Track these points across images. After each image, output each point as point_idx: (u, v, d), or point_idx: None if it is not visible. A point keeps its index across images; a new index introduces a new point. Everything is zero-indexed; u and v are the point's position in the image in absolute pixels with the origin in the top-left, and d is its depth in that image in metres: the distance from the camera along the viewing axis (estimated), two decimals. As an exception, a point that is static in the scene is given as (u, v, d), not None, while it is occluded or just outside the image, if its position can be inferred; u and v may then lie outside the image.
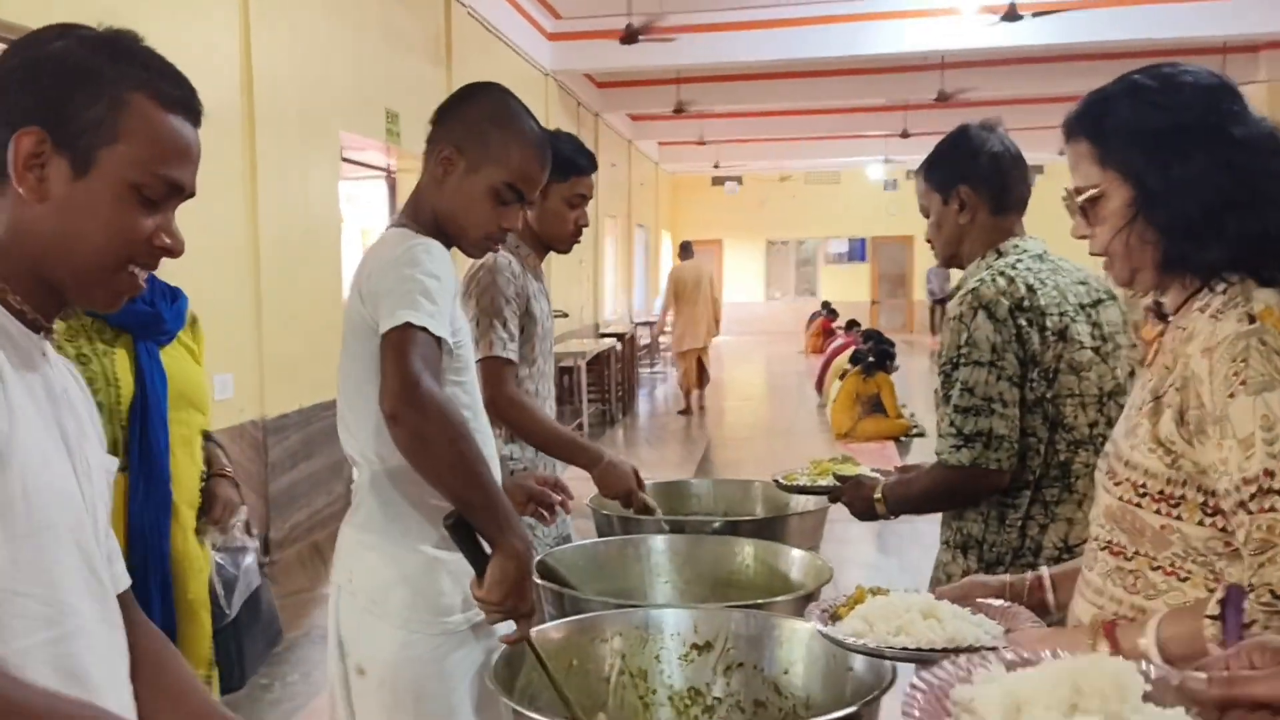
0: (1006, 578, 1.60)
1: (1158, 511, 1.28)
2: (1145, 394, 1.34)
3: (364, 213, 8.31)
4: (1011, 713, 0.96)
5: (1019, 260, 2.06)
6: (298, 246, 5.88)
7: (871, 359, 9.88)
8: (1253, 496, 1.17)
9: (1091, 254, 1.41)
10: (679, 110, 12.56)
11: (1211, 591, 1.23)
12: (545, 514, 2.17)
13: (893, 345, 10.51)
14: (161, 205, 1.07)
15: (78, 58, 1.04)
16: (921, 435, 9.43)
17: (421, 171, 1.83)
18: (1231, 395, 1.20)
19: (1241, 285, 1.27)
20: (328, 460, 6.19)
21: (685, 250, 12.09)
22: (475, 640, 1.71)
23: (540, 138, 1.81)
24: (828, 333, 15.60)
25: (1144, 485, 1.29)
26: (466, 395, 1.75)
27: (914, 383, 12.93)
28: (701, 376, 11.48)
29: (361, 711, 1.70)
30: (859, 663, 1.48)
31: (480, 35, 9.02)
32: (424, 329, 1.55)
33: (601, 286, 14.68)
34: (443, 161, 1.76)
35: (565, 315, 10.55)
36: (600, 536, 2.28)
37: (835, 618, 1.48)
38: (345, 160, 6.75)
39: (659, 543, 2.13)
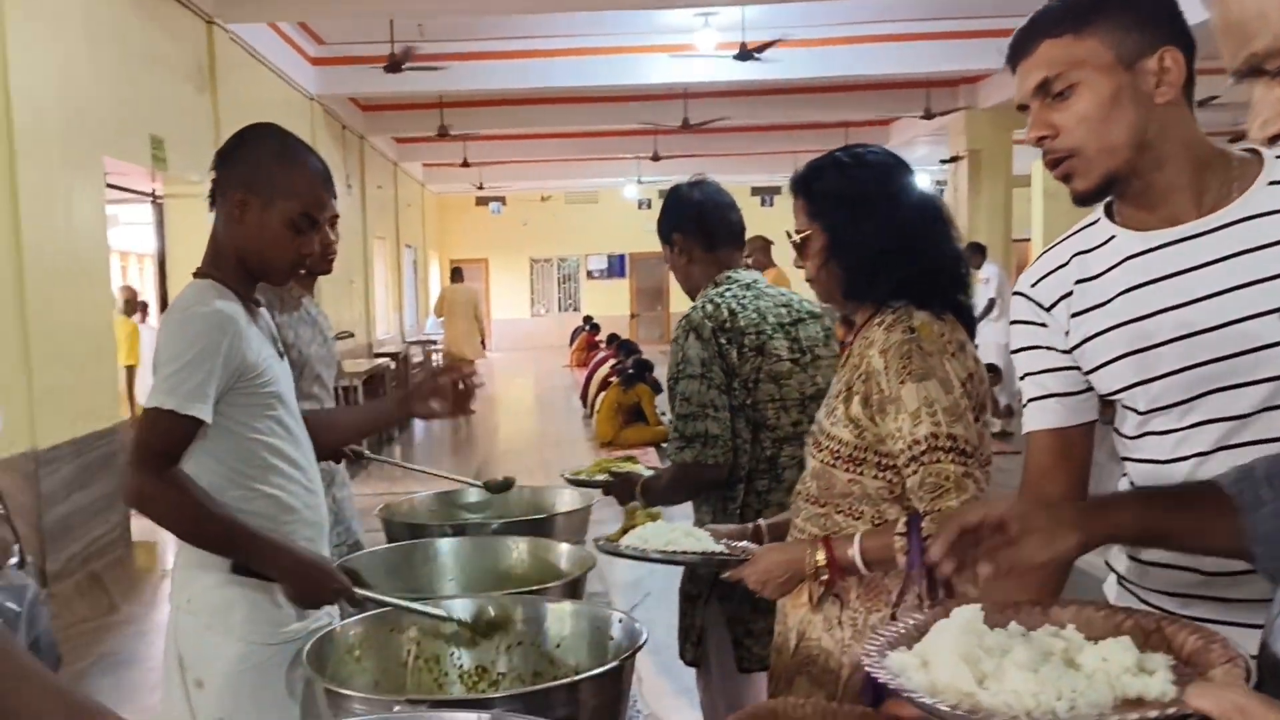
0: (736, 527, 2.13)
1: (846, 470, 1.75)
2: (840, 385, 1.81)
3: (128, 236, 8.05)
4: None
5: (727, 289, 2.46)
6: (64, 274, 5.78)
7: (630, 371, 10.52)
8: (923, 453, 1.66)
9: (805, 280, 1.89)
10: (443, 134, 12.79)
11: (877, 525, 1.73)
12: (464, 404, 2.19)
13: (646, 360, 11.23)
14: None
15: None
16: (681, 439, 10.08)
17: (214, 219, 1.93)
18: (902, 383, 1.68)
19: (905, 308, 1.74)
20: (104, 489, 6.09)
21: (456, 274, 12.69)
22: (297, 647, 1.78)
23: (322, 166, 1.95)
24: (591, 346, 16.20)
25: (838, 451, 1.76)
26: (280, 428, 1.88)
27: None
28: None
29: (197, 717, 1.83)
30: (617, 630, 1.70)
31: (243, 60, 8.97)
32: (169, 410, 1.73)
33: (373, 306, 14.66)
34: (236, 204, 1.86)
35: (351, 335, 10.65)
36: (390, 542, 2.39)
37: (611, 540, 1.97)
38: (110, 186, 6.64)
39: (443, 545, 2.32)
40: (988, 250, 10.59)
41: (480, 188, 20.20)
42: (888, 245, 1.75)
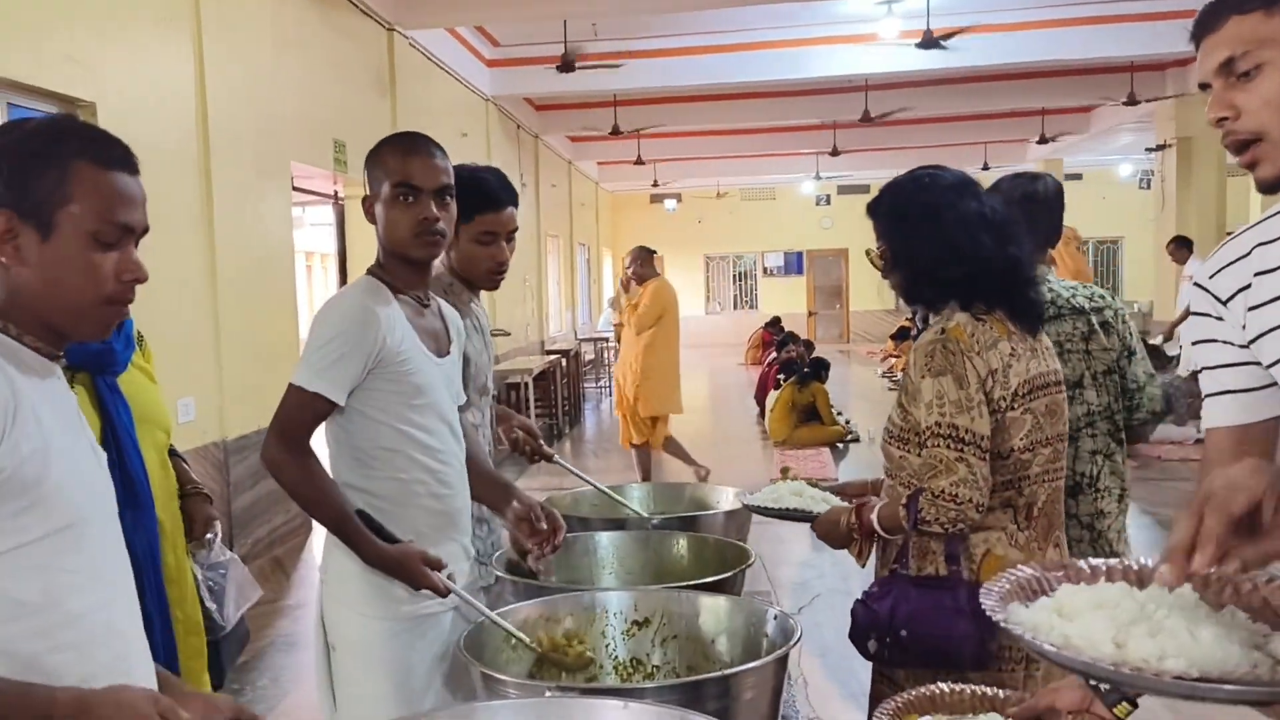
0: (861, 481, 2.46)
1: (897, 448, 2.05)
2: (901, 379, 2.11)
3: (312, 237, 8.49)
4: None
5: None
6: (253, 274, 6.10)
7: (806, 369, 10.28)
8: (928, 439, 1.94)
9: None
10: (616, 132, 12.87)
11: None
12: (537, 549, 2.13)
13: (821, 358, 10.95)
14: (118, 245, 1.30)
15: (27, 144, 1.28)
16: (856, 440, 9.81)
17: None
18: (923, 377, 1.96)
19: (950, 310, 2.01)
20: (286, 479, 6.39)
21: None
22: (425, 627, 1.98)
23: (409, 136, 2.05)
24: (766, 344, 16.02)
25: (892, 431, 2.07)
26: (416, 418, 1.98)
27: (850, 390, 13.39)
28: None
29: (336, 679, 2.01)
30: (772, 626, 1.77)
31: (422, 64, 9.27)
32: (300, 387, 1.89)
33: (546, 304, 14.93)
34: (370, 209, 2.05)
35: (507, 334, 10.77)
36: None
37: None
38: (295, 189, 6.96)
39: (603, 539, 2.40)
40: (1195, 245, 9.78)
41: (655, 185, 20.27)
42: (936, 255, 2.00)
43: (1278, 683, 0.96)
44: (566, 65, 9.82)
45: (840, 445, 9.83)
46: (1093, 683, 1.22)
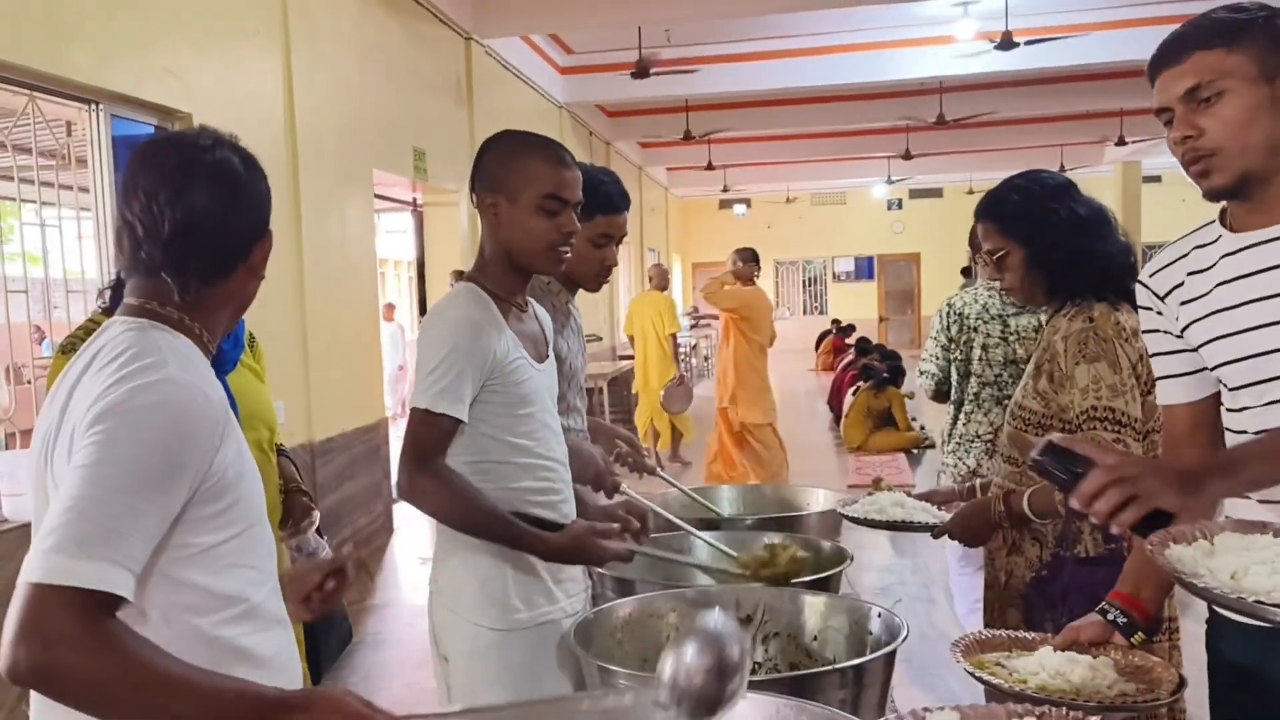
0: (950, 489, 2.61)
1: (1036, 435, 2.09)
2: (1033, 365, 2.20)
3: (386, 243, 8.67)
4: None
5: None
6: (338, 279, 6.23)
7: (885, 375, 10.18)
8: (1085, 421, 2.03)
9: (1003, 289, 2.31)
10: (687, 137, 12.88)
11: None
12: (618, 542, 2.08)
13: (899, 359, 10.82)
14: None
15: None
16: (931, 446, 9.69)
17: (480, 231, 2.05)
18: (1077, 363, 2.06)
19: (1086, 301, 2.12)
20: (369, 481, 6.52)
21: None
22: (540, 635, 1.95)
23: (553, 145, 1.99)
24: (838, 350, 15.89)
25: (1028, 419, 2.15)
26: (523, 427, 1.95)
27: (923, 396, 13.18)
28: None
29: (452, 691, 2.00)
30: (876, 624, 1.76)
31: (498, 73, 9.39)
32: (425, 410, 1.86)
33: (618, 309, 14.99)
34: (489, 209, 1.95)
35: (599, 339, 10.80)
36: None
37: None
38: (376, 196, 7.10)
39: (698, 541, 2.38)
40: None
41: (725, 190, 20.25)
42: (1074, 249, 2.10)
43: None
44: (641, 71, 9.86)
45: (915, 451, 9.72)
46: (1111, 616, 1.64)
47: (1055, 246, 2.11)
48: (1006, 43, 9.05)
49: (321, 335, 5.93)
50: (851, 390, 10.35)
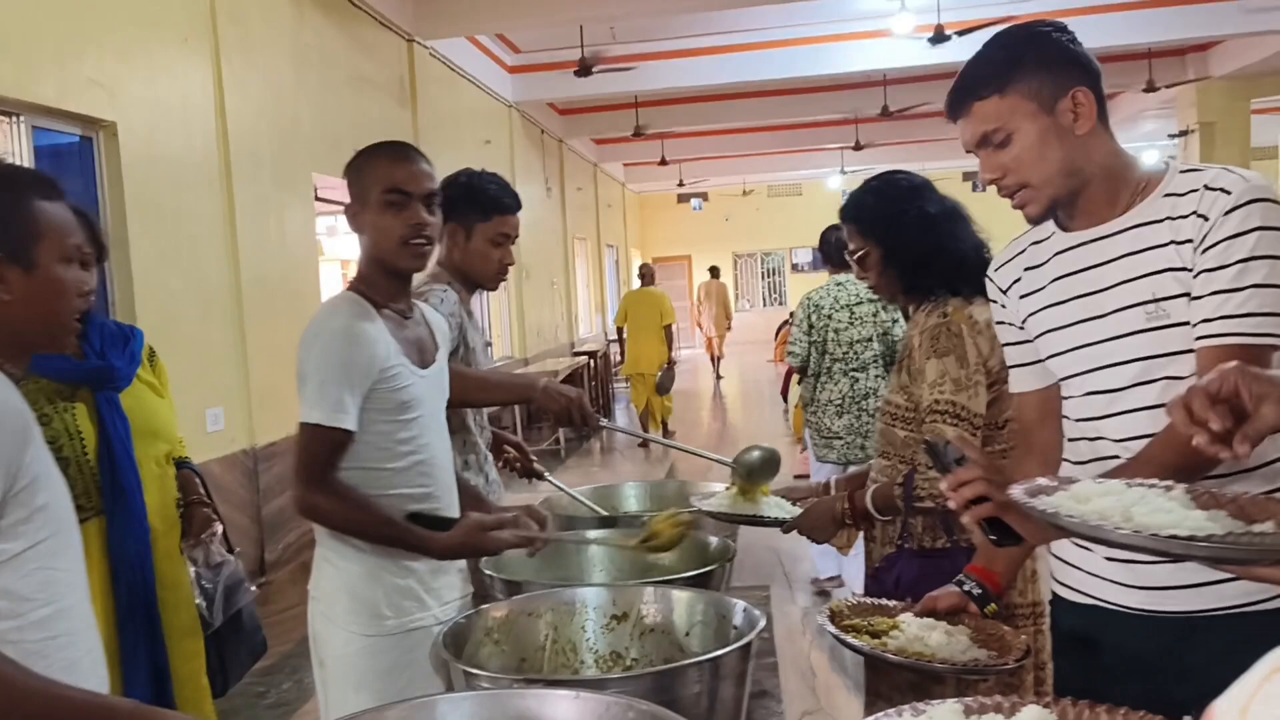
0: (810, 485, 2.65)
1: (901, 428, 2.22)
2: (897, 362, 2.27)
3: (346, 245, 8.64)
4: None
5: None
6: (277, 284, 6.22)
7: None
8: (927, 415, 2.12)
9: (869, 287, 2.38)
10: (639, 133, 12.93)
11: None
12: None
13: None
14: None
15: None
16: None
17: None
18: (928, 358, 2.13)
19: (943, 297, 2.19)
20: (314, 484, 6.52)
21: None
22: (410, 641, 1.96)
23: (399, 145, 2.04)
24: (795, 341, 15.96)
25: (895, 413, 2.23)
26: (401, 431, 1.96)
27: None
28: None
29: (326, 696, 2.02)
30: (739, 618, 1.79)
31: (443, 74, 9.39)
32: (316, 424, 1.87)
33: (575, 306, 15.03)
34: (353, 219, 2.00)
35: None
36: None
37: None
38: (322, 200, 7.09)
39: (594, 536, 2.38)
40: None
41: (680, 184, 20.33)
42: (931, 249, 2.17)
43: (1266, 546, 1.07)
44: (585, 69, 9.92)
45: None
46: (966, 588, 1.76)
47: (907, 246, 2.19)
48: (939, 36, 9.22)
49: (262, 340, 5.92)
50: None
